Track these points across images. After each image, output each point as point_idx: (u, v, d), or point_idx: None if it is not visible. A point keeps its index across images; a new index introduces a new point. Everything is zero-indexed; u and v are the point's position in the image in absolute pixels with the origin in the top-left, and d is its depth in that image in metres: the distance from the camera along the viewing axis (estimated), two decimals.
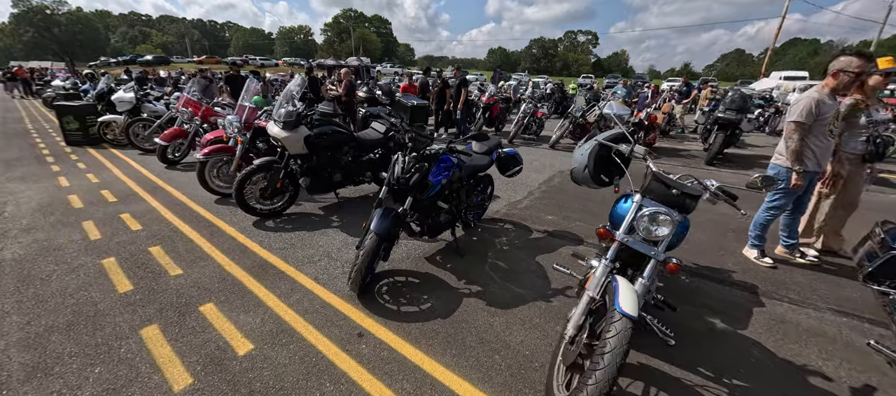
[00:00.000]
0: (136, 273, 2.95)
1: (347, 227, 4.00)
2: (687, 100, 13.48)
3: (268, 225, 3.99)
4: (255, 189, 4.04)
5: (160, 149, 6.22)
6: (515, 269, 3.19)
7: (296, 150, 3.91)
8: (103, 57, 52.42)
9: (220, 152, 4.66)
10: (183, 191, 5.07)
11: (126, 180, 5.52)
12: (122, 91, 7.80)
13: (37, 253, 3.25)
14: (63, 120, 7.71)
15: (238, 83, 8.44)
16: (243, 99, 4.93)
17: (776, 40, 30.74)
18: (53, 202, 4.52)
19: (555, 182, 5.96)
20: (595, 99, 14.81)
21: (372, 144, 4.69)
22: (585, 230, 4.06)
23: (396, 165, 2.67)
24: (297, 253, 3.37)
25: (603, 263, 1.76)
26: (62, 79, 15.27)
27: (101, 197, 4.77)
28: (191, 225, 3.94)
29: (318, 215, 4.35)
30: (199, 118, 6.41)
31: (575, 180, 2.34)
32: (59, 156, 6.96)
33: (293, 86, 3.91)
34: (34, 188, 5.03)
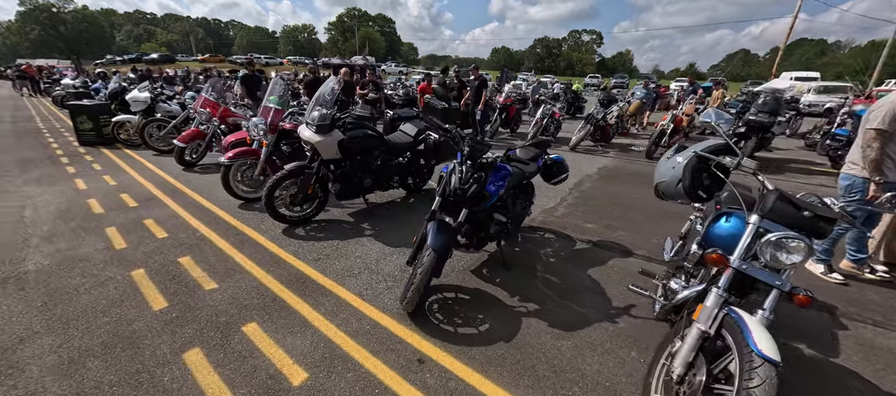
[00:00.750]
0: (168, 287, 2.77)
1: (381, 236, 3.81)
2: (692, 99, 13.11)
3: (298, 233, 3.81)
4: (284, 195, 3.85)
5: (178, 150, 6.05)
6: (569, 285, 2.99)
7: (329, 155, 3.72)
8: (109, 55, 52.51)
9: (244, 156, 4.48)
10: (204, 195, 4.89)
11: (144, 182, 5.35)
12: (137, 90, 7.64)
13: (61, 264, 3.07)
14: (76, 120, 7.55)
15: (254, 83, 8.27)
16: (267, 99, 4.74)
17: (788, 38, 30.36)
18: (73, 206, 4.35)
19: (584, 186, 5.75)
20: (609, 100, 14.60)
21: (402, 148, 4.50)
22: (631, 240, 3.86)
23: (452, 175, 2.47)
24: (334, 265, 3.18)
25: (715, 293, 1.56)
26: (71, 77, 15.15)
27: (120, 201, 4.60)
28: (218, 233, 3.75)
29: (349, 222, 4.16)
30: (218, 119, 6.25)
31: (663, 195, 2.14)
32: (74, 156, 6.81)
33: (327, 88, 3.72)
34: (51, 191, 4.87)
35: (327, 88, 3.71)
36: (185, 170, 6.11)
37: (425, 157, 4.76)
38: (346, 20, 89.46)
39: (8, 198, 4.58)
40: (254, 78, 8.44)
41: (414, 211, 4.58)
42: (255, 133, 4.52)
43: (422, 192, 5.22)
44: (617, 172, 6.76)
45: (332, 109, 3.65)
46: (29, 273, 2.92)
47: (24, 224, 3.84)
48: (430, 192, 5.25)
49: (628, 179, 6.31)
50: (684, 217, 4.73)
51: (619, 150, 8.94)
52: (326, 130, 3.60)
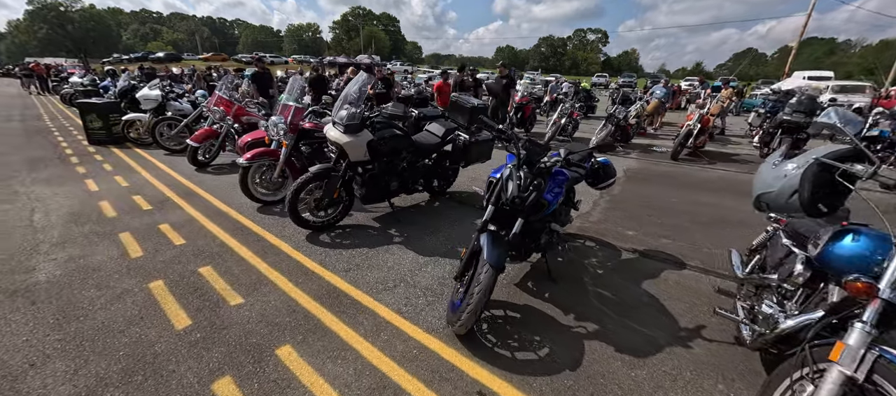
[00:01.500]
0: (191, 302, 2.54)
1: (411, 243, 3.56)
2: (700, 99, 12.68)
3: (323, 240, 3.57)
4: (308, 199, 3.62)
5: (191, 150, 5.83)
6: (626, 301, 2.73)
7: (357, 157, 3.47)
8: (116, 54, 52.69)
9: (263, 157, 4.24)
10: (220, 197, 4.67)
11: (157, 184, 5.13)
12: (148, 88, 7.44)
13: (74, 274, 2.85)
14: (86, 118, 7.37)
15: (265, 81, 8.06)
16: (287, 97, 4.51)
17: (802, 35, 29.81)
18: (84, 209, 4.14)
19: (615, 190, 5.47)
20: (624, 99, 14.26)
21: (429, 149, 4.25)
22: (679, 249, 3.58)
23: (509, 182, 2.21)
24: (366, 277, 2.94)
25: (860, 330, 1.30)
26: (80, 75, 15.02)
27: (133, 203, 4.38)
28: (238, 239, 3.52)
29: (374, 228, 3.92)
30: (232, 118, 6.03)
31: (768, 207, 1.86)
32: (83, 155, 6.61)
33: (355, 86, 3.47)
34: (61, 192, 4.66)
35: (355, 86, 3.46)
36: (198, 171, 5.90)
37: (452, 159, 4.51)
38: (351, 19, 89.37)
39: (17, 199, 4.38)
40: (264, 76, 8.23)
41: (441, 215, 4.33)
42: (274, 133, 4.29)
43: (446, 195, 4.98)
44: (645, 174, 6.48)
45: (360, 108, 3.41)
46: (40, 284, 2.70)
47: (34, 228, 3.63)
48: (454, 195, 5.01)
49: (658, 182, 6.03)
50: (730, 223, 4.53)
51: (641, 151, 8.64)
52: (355, 130, 3.35)
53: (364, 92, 3.47)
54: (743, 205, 4.92)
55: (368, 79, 3.57)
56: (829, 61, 67.12)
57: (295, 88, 4.51)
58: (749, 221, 4.32)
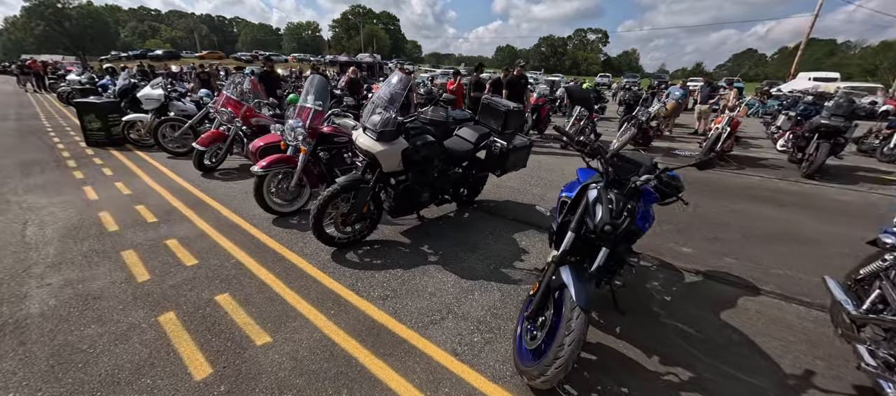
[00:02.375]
0: (210, 342, 2.16)
1: (448, 262, 3.19)
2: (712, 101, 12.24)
3: (350, 259, 3.20)
4: (334, 213, 3.24)
5: (197, 155, 5.44)
6: (711, 338, 2.37)
7: (391, 167, 3.10)
8: (114, 51, 52.09)
9: (280, 164, 3.87)
10: (230, 207, 4.28)
11: (161, 191, 4.75)
12: (150, 88, 7.04)
13: (72, 304, 2.47)
14: (84, 118, 6.96)
15: (272, 81, 7.67)
16: (305, 99, 4.13)
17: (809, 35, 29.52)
18: (83, 222, 3.75)
19: None
20: (635, 99, 13.89)
21: (461, 157, 3.88)
22: (746, 270, 3.22)
23: (598, 206, 1.85)
24: (407, 306, 2.57)
25: None
26: (77, 73, 14.58)
27: (137, 215, 3.99)
28: (256, 258, 3.15)
29: (404, 244, 3.54)
30: (240, 120, 5.64)
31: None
32: (81, 159, 6.21)
33: (389, 88, 3.09)
34: (58, 202, 4.27)
35: (390, 88, 3.08)
36: (205, 176, 5.51)
37: (486, 166, 4.14)
38: (351, 17, 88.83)
39: (8, 210, 3.99)
40: (272, 76, 7.84)
41: (473, 228, 3.96)
42: (292, 137, 3.91)
43: (474, 205, 4.61)
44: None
45: (396, 113, 3.03)
46: (31, 317, 2.32)
47: (27, 245, 3.24)
48: (482, 204, 4.64)
49: (695, 189, 5.66)
50: (790, 239, 4.09)
51: (664, 155, 8.29)
52: (390, 138, 2.98)
53: (400, 95, 3.09)
54: (792, 216, 4.58)
55: (407, 80, 3.19)
56: (829, 62, 67.00)
57: (315, 89, 4.12)
58: (812, 238, 3.98)
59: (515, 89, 8.21)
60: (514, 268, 3.16)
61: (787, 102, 11.66)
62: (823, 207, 5.02)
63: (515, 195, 5.06)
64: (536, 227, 4.00)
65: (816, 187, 5.99)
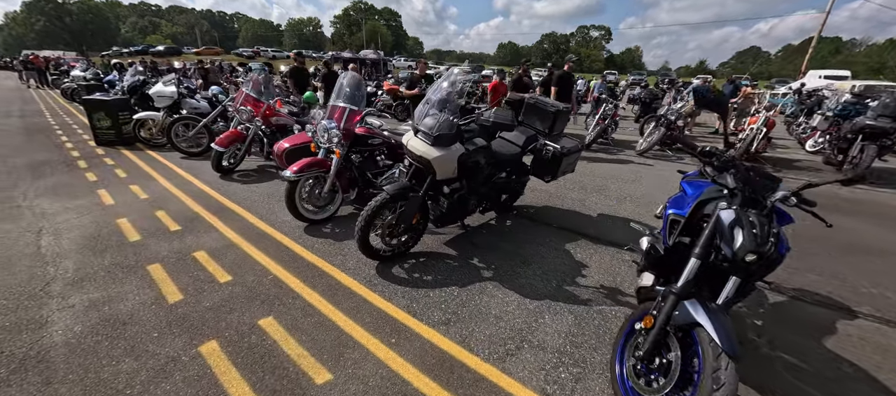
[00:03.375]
0: (264, 381, 1.87)
1: (505, 278, 2.91)
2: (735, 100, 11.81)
3: (397, 275, 2.91)
4: (378, 224, 2.95)
5: (216, 156, 5.15)
6: (821, 371, 2.09)
7: (445, 174, 2.81)
8: (115, 47, 51.67)
9: (312, 168, 3.57)
10: (255, 213, 4.00)
11: (180, 195, 4.46)
12: (162, 84, 6.75)
13: (99, 330, 2.18)
14: (93, 116, 6.66)
15: (303, 77, 7.37)
16: (338, 97, 3.83)
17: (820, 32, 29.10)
18: (101, 231, 3.47)
19: None
20: (652, 97, 13.56)
21: (507, 161, 3.59)
22: (833, 288, 2.94)
23: (737, 229, 1.56)
24: (474, 333, 2.29)
25: None
26: (81, 68, 14.26)
27: (158, 222, 3.71)
28: (295, 274, 2.86)
29: (450, 256, 3.26)
30: (260, 119, 5.35)
31: None
32: (92, 159, 5.92)
33: (446, 87, 2.78)
34: (72, 207, 3.98)
35: (447, 87, 2.77)
36: (223, 178, 5.22)
37: (533, 171, 3.86)
38: (353, 13, 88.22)
39: (20, 217, 3.70)
40: (303, 72, 7.56)
41: (519, 237, 3.67)
42: (324, 139, 3.62)
43: (513, 211, 4.32)
44: None
45: (455, 115, 2.73)
46: (56, 348, 2.03)
47: (43, 258, 2.96)
48: (521, 210, 4.36)
49: None
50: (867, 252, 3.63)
51: (692, 156, 7.97)
52: (447, 143, 2.69)
53: (457, 95, 2.79)
54: (857, 225, 4.29)
55: (463, 76, 2.90)
56: (835, 60, 66.45)
57: (350, 86, 3.82)
58: (888, 249, 3.69)
59: (566, 87, 7.66)
60: (578, 286, 2.88)
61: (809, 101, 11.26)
62: (885, 214, 4.73)
63: (553, 200, 4.77)
64: (589, 237, 3.72)
65: (867, 192, 5.69)
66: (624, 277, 3.03)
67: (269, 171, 5.61)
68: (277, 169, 5.69)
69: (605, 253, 3.42)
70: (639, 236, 2.33)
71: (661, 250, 1.97)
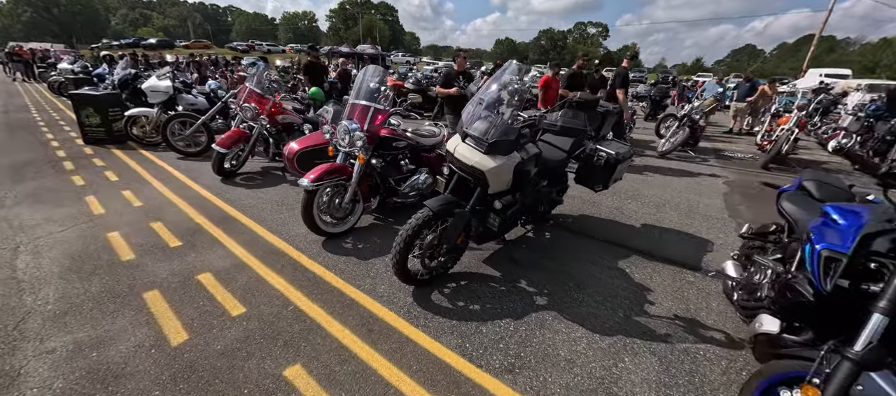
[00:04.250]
0: None
1: (563, 307, 2.51)
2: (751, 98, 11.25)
3: (436, 302, 2.50)
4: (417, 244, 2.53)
5: (217, 158, 4.69)
6: None
7: (499, 186, 2.39)
8: (105, 39, 50.41)
9: (332, 175, 3.14)
10: (264, 224, 3.56)
11: (179, 202, 4.00)
12: (156, 79, 6.23)
13: (85, 386, 1.75)
14: (81, 113, 6.14)
15: (318, 73, 6.90)
16: (359, 94, 3.39)
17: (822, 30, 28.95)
18: (89, 247, 3.01)
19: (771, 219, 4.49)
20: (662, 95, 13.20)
21: (553, 168, 3.18)
22: None
23: None
24: (548, 384, 1.88)
25: None
26: (69, 61, 13.60)
27: (154, 236, 3.25)
28: (320, 304, 2.44)
29: (492, 277, 2.85)
30: (266, 117, 4.89)
31: None
32: (79, 159, 5.42)
33: (500, 86, 2.35)
34: (56, 218, 3.51)
35: (501, 86, 2.34)
36: (225, 182, 4.77)
37: (579, 179, 3.45)
38: (349, 7, 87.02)
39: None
40: (318, 66, 7.08)
41: (564, 254, 3.27)
42: (345, 142, 3.19)
43: (549, 221, 3.93)
44: (769, 193, 5.46)
45: (513, 119, 2.30)
46: None
47: (19, 284, 2.50)
48: (557, 219, 3.96)
49: None
50: None
51: (716, 157, 7.65)
52: (505, 151, 2.27)
53: (515, 95, 2.36)
54: None
55: (520, 71, 2.47)
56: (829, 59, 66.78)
57: (374, 81, 3.37)
58: None
59: (624, 86, 6.80)
60: (649, 316, 2.48)
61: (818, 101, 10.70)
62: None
63: (587, 207, 4.38)
64: (641, 253, 3.32)
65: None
66: (696, 305, 2.64)
67: (273, 174, 5.16)
68: (283, 171, 5.25)
69: (665, 273, 3.03)
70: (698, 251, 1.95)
71: (808, 295, 1.57)
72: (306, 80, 6.76)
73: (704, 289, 2.82)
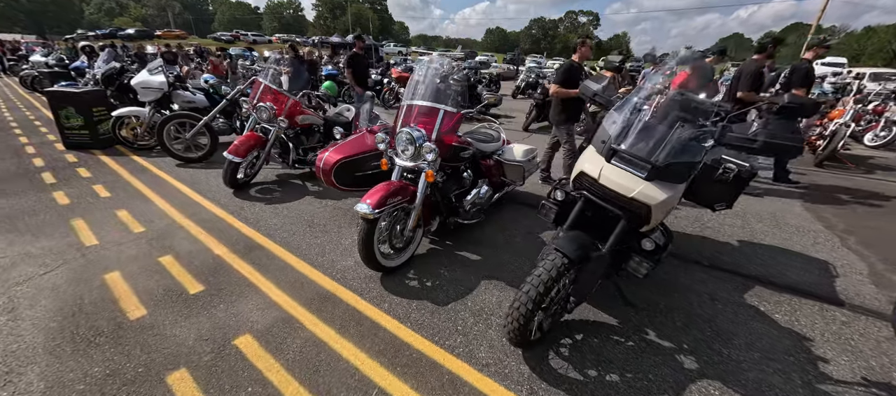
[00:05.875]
0: None
1: (719, 371, 1.93)
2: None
3: (562, 371, 1.89)
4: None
5: (230, 168, 3.97)
6: None
7: (657, 221, 1.78)
8: (79, 30, 47.82)
9: (397, 197, 2.48)
10: (302, 255, 2.89)
11: (189, 226, 3.29)
12: (147, 73, 5.41)
13: None
14: (61, 113, 5.31)
15: (363, 68, 6.15)
16: (415, 95, 2.71)
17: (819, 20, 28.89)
18: (83, 297, 2.30)
19: (857, 222, 3.97)
20: None
21: None
22: None
23: None
24: None
25: None
26: (42, 53, 12.44)
27: (167, 277, 2.56)
28: (415, 384, 1.80)
29: (608, 326, 2.25)
30: (285, 119, 4.17)
31: None
32: (61, 169, 4.62)
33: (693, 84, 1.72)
34: (37, 252, 2.78)
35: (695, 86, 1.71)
36: (238, 195, 4.07)
37: (694, 197, 2.85)
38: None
39: None
40: (364, 58, 6.36)
41: (672, 286, 2.68)
42: (407, 154, 2.53)
43: None
44: (838, 194, 4.96)
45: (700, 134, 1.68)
46: None
47: None
48: None
49: (875, 206, 4.52)
50: None
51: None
52: (678, 177, 1.64)
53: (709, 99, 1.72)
54: None
55: (703, 70, 1.83)
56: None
57: (438, 73, 2.70)
58: None
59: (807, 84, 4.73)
60: (836, 384, 1.92)
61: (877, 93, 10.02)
62: None
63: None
64: (761, 282, 2.76)
65: None
66: (876, 357, 2.09)
67: (291, 183, 4.48)
68: (303, 179, 4.56)
69: (806, 311, 2.47)
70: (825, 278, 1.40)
71: None
72: (350, 77, 6.10)
73: (869, 333, 2.28)
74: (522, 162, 3.60)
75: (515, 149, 3.67)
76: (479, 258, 2.98)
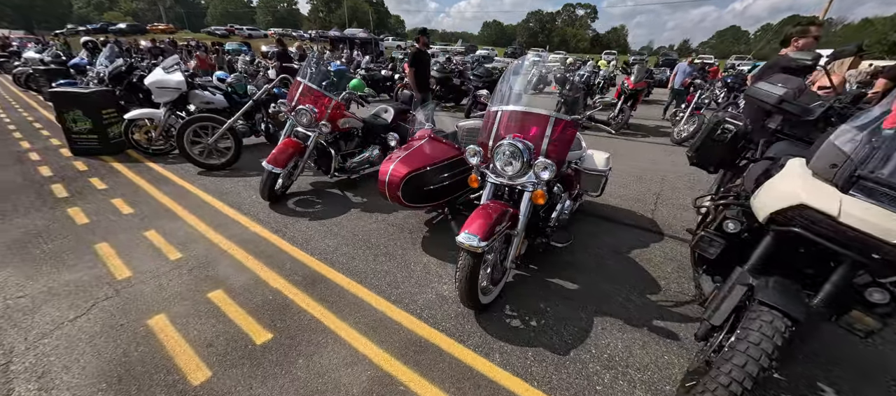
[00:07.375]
0: None
1: None
2: None
3: None
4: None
5: (269, 180, 3.52)
6: None
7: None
8: (70, 24, 46.51)
9: (502, 223, 2.06)
10: (377, 289, 2.47)
11: (231, 250, 2.84)
12: (162, 71, 4.91)
13: None
14: (67, 116, 4.80)
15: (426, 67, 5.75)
16: (508, 99, 2.28)
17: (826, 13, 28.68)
18: (129, 353, 1.87)
19: None
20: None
21: None
22: None
23: None
24: None
25: None
26: (36, 49, 11.78)
27: (224, 319, 2.13)
28: None
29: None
30: (327, 123, 3.72)
31: None
32: (72, 180, 4.14)
33: None
34: (61, 290, 2.32)
35: None
36: (274, 207, 3.63)
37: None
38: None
39: None
40: (425, 56, 6.02)
41: None
42: (510, 171, 2.11)
43: None
44: None
45: None
46: None
47: None
48: None
49: None
50: None
51: None
52: None
53: None
54: None
55: None
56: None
57: (541, 72, 2.27)
58: None
59: None
60: None
61: None
62: None
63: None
64: None
65: None
66: None
67: (329, 193, 4.05)
68: (340, 189, 4.13)
69: None
70: None
71: None
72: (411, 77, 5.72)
73: None
74: (603, 170, 3.21)
75: (595, 156, 3.27)
76: (576, 286, 2.57)
